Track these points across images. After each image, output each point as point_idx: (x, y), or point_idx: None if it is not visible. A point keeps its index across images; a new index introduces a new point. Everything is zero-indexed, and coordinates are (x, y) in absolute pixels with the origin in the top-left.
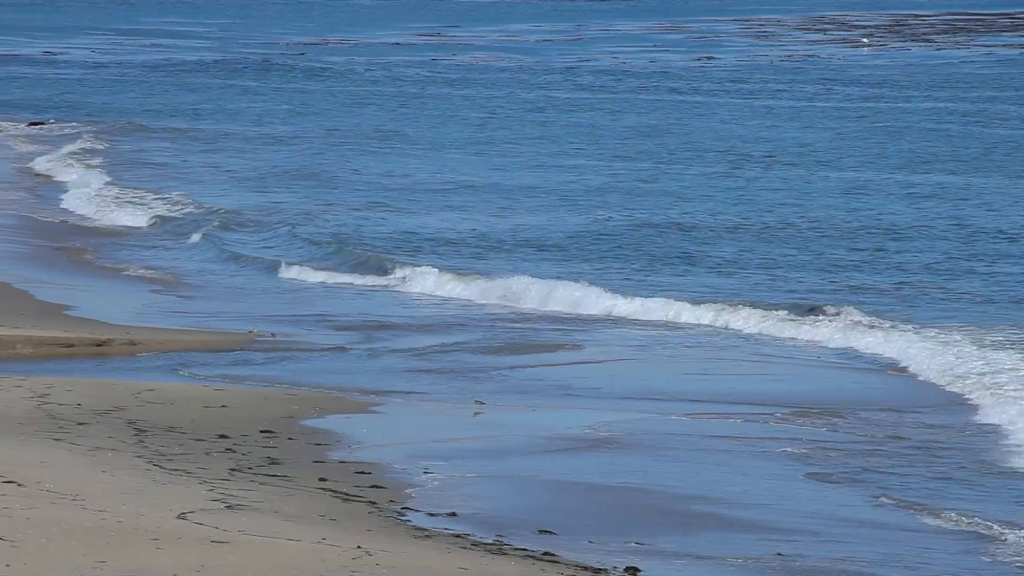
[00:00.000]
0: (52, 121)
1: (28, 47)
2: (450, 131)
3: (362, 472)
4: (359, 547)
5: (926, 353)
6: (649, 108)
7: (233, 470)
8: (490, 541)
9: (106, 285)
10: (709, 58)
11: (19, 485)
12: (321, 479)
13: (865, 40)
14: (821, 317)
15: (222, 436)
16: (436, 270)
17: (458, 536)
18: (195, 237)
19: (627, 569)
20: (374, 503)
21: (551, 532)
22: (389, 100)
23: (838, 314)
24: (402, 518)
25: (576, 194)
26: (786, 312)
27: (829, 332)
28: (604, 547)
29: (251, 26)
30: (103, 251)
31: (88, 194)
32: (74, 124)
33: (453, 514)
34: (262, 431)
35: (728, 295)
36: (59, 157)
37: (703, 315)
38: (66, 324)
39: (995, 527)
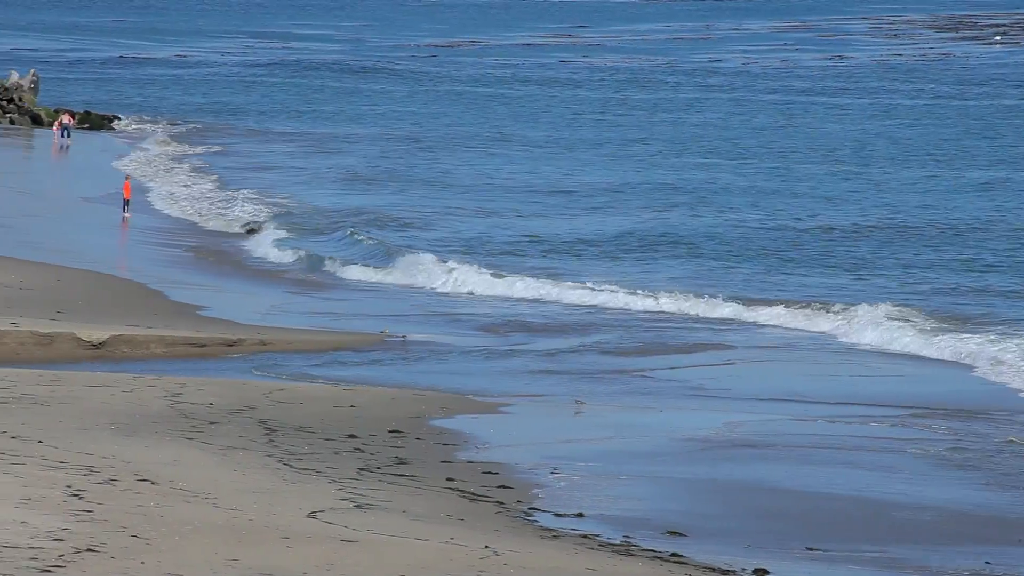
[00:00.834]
0: (170, 123)
1: (162, 50)
2: (579, 133)
3: (489, 472)
4: (487, 547)
5: None
6: (780, 108)
7: (362, 469)
8: (618, 542)
9: (235, 285)
10: (840, 57)
11: (153, 483)
12: (449, 479)
13: (998, 38)
14: (942, 321)
15: (351, 436)
16: (526, 277)
17: (586, 536)
18: (309, 238)
19: (756, 571)
20: (501, 503)
21: (680, 533)
22: (516, 101)
23: (958, 317)
24: (529, 518)
25: (706, 194)
26: (908, 314)
27: (950, 334)
28: (778, 549)
29: (383, 29)
30: (227, 251)
31: (205, 195)
32: (191, 126)
33: (580, 515)
34: (390, 431)
35: (854, 296)
36: (178, 158)
37: (828, 318)
38: (198, 324)
39: None
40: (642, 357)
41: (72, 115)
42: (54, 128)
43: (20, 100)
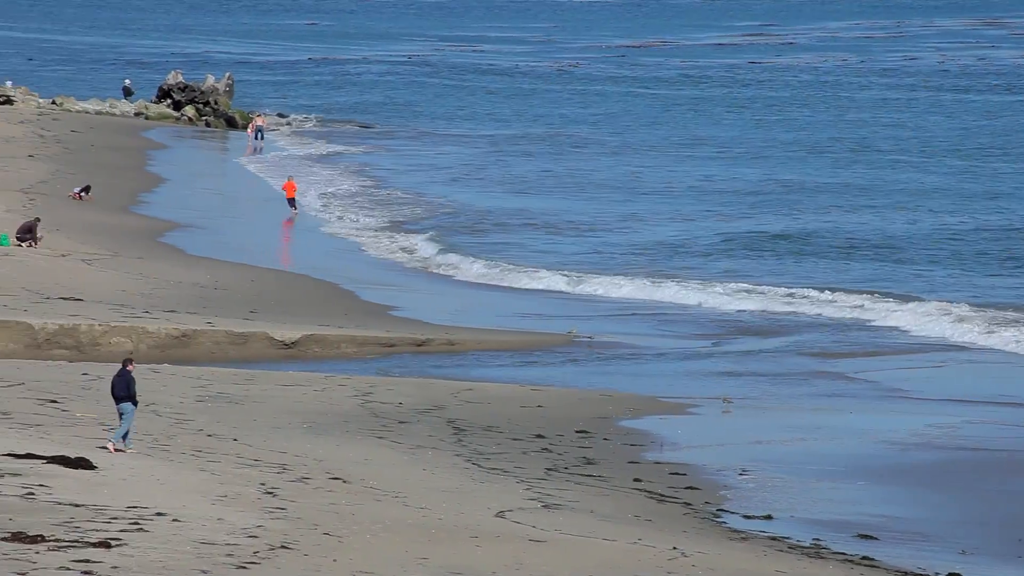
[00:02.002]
0: (355, 124)
1: (349, 52)
2: (771, 133)
3: (677, 473)
4: (674, 548)
5: None
6: (977, 108)
7: (549, 469)
8: (807, 544)
9: (425, 285)
10: None
11: (345, 482)
12: (636, 479)
13: None
14: None
15: (539, 436)
16: (684, 283)
17: (775, 539)
18: (484, 241)
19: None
20: (689, 504)
21: (871, 536)
22: (704, 103)
23: None
24: (717, 520)
25: (903, 195)
26: None
27: None
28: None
29: (574, 29)
30: (406, 253)
31: (379, 196)
32: (368, 126)
33: (769, 516)
34: (578, 431)
35: None
36: (352, 157)
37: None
38: (389, 324)
39: None
40: (838, 359)
41: (265, 118)
42: (248, 131)
43: (215, 103)
